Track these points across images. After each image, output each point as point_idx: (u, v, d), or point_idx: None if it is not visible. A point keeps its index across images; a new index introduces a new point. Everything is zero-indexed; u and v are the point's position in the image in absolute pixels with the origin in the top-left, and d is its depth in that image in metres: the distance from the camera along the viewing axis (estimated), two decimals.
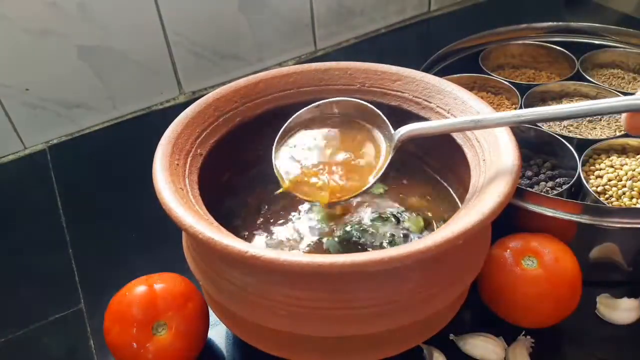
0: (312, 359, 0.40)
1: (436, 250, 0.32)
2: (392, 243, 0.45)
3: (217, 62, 0.80)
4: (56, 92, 0.71)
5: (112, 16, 0.69)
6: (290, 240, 0.46)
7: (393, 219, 0.47)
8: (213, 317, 0.45)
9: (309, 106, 0.45)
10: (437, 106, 0.47)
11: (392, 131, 0.43)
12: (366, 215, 0.48)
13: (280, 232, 0.47)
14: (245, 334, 0.42)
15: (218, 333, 0.49)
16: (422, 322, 0.38)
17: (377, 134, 0.44)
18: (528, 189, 0.50)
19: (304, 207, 0.49)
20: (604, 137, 0.56)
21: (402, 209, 0.48)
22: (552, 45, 0.69)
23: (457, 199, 0.48)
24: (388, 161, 0.42)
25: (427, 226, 0.47)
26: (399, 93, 0.49)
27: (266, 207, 0.49)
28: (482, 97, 0.63)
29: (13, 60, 0.67)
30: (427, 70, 0.64)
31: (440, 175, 0.51)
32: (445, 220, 0.46)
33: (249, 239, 0.46)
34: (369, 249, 0.45)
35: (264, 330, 0.39)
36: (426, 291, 0.36)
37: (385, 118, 0.44)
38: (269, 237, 0.46)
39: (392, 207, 0.48)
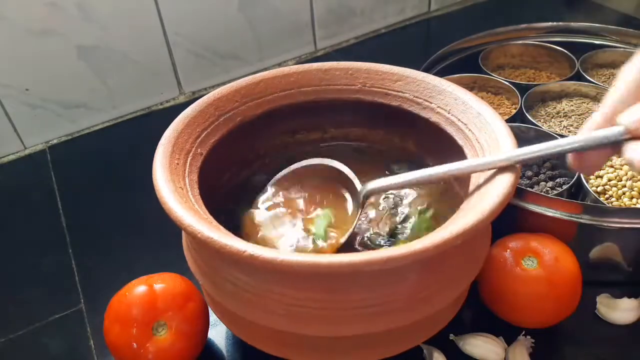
0: (311, 359, 0.40)
1: (435, 251, 0.32)
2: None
3: (217, 62, 0.80)
4: (56, 92, 0.71)
5: (112, 16, 0.69)
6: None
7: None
8: (213, 317, 0.45)
9: (283, 171, 0.47)
10: (438, 106, 0.47)
11: (359, 188, 0.44)
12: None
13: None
14: (245, 334, 0.42)
15: (218, 333, 0.49)
16: (422, 322, 0.38)
17: (347, 193, 0.46)
18: (528, 189, 0.50)
19: None
20: None
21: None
22: (552, 45, 0.69)
23: (457, 199, 0.48)
24: (357, 220, 0.43)
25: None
26: (400, 93, 0.48)
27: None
28: (482, 97, 0.63)
29: (13, 60, 0.67)
30: (427, 70, 0.64)
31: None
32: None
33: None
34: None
35: (264, 330, 0.39)
36: (426, 291, 0.36)
37: (351, 175, 0.45)
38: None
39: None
